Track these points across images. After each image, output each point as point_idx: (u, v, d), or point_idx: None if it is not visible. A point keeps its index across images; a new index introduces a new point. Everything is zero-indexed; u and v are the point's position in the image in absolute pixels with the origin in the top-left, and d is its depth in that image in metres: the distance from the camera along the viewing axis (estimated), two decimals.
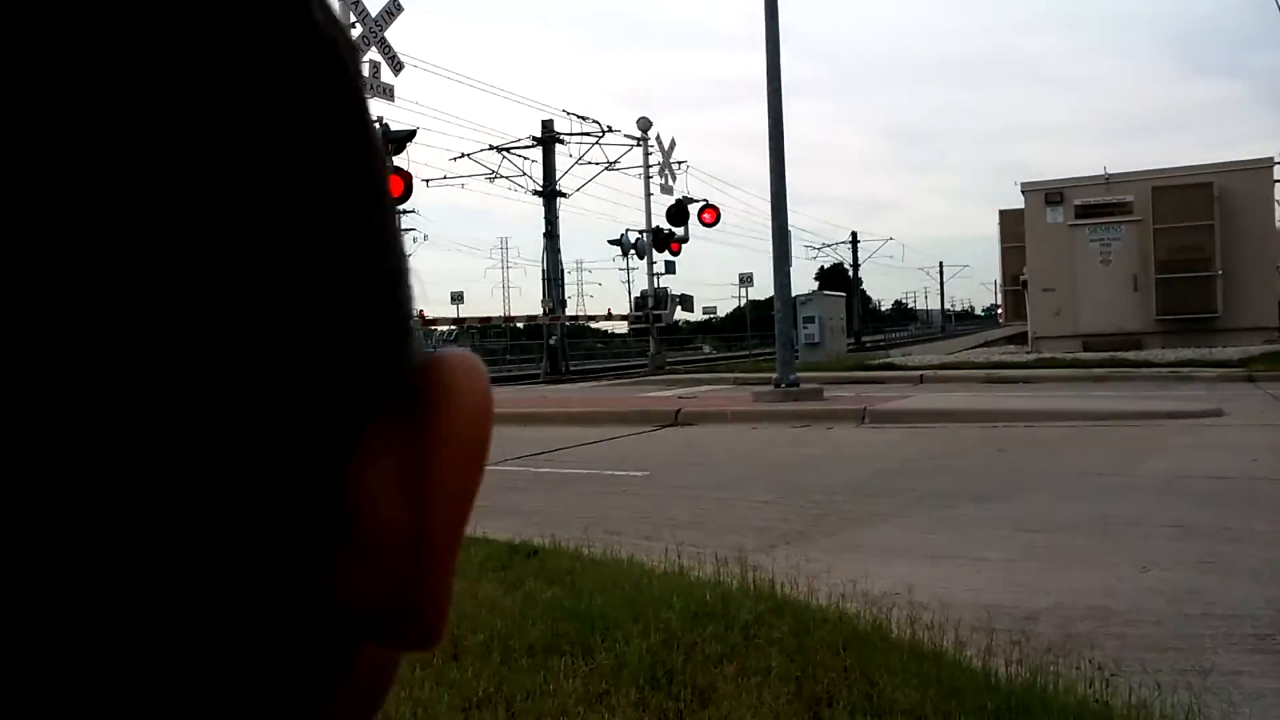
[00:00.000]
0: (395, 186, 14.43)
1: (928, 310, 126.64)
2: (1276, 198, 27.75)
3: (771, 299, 16.51)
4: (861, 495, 7.86)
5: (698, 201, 31.90)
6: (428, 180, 33.70)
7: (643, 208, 32.63)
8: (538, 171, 33.39)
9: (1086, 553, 5.75)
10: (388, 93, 20.05)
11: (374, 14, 19.60)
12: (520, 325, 39.24)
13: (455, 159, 38.18)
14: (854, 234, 76.59)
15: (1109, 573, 5.28)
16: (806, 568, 5.14)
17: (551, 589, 4.62)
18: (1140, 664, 3.87)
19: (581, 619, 4.10)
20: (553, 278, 33.67)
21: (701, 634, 3.93)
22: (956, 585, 5.14)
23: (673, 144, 32.70)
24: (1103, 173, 28.54)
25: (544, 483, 8.91)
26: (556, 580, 4.80)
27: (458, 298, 50.33)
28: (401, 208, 20.96)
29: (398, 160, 20.38)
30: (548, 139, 33.29)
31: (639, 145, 33.21)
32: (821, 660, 3.68)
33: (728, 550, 5.57)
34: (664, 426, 13.65)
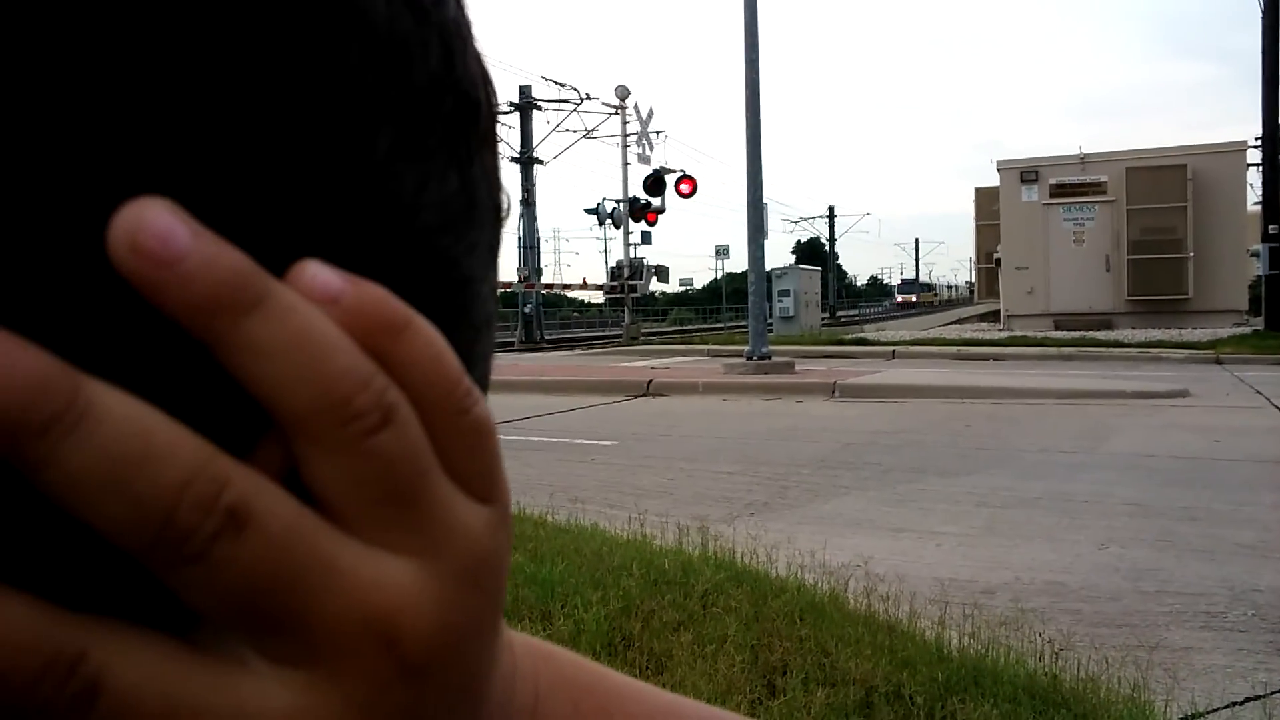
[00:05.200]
0: None
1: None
2: (1249, 181, 27.92)
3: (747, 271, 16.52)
4: (827, 468, 7.90)
5: (675, 172, 31.80)
6: None
7: (620, 177, 32.55)
8: (514, 138, 33.24)
9: (1046, 529, 5.80)
10: None
11: None
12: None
13: None
14: (831, 208, 76.72)
15: (1067, 549, 5.34)
16: (767, 538, 5.16)
17: (513, 555, 4.62)
18: (1092, 639, 3.92)
19: (542, 585, 4.11)
20: (529, 245, 33.57)
21: (660, 601, 3.95)
22: (915, 558, 5.19)
23: (650, 113, 32.55)
24: (1078, 152, 28.64)
25: (512, 450, 8.90)
26: (518, 546, 4.81)
27: None
28: None
29: None
30: (525, 105, 33.10)
31: (617, 114, 33.09)
32: (777, 629, 3.71)
33: (691, 520, 5.59)
34: (636, 396, 13.66)
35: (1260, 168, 26.25)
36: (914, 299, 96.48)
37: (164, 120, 0.21)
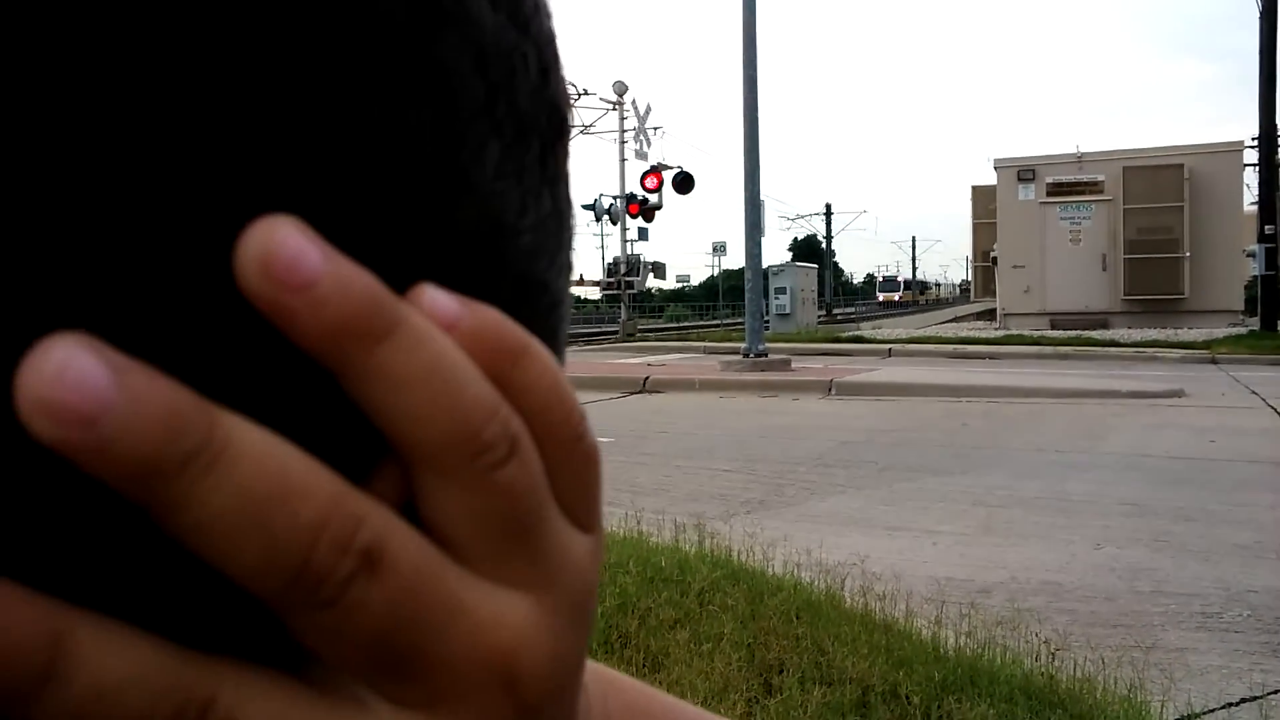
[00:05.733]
0: None
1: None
2: (1246, 181, 27.96)
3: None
4: (823, 466, 7.90)
5: (673, 168, 31.78)
6: None
7: (617, 173, 32.53)
8: None
9: (1042, 529, 5.80)
10: None
11: None
12: None
13: None
14: (828, 206, 76.76)
15: (1063, 549, 5.34)
16: (764, 536, 5.16)
17: None
18: (1088, 639, 3.93)
19: None
20: None
21: (657, 599, 3.95)
22: (911, 557, 5.19)
23: (648, 109, 32.51)
24: (1075, 151, 28.68)
25: None
26: None
27: None
28: None
29: None
30: None
31: (614, 109, 33.06)
32: (774, 628, 3.71)
33: (688, 517, 5.59)
34: (632, 393, 13.66)
35: (1257, 168, 26.31)
36: (896, 298, 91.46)
37: (284, 135, 0.20)
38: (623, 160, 32.57)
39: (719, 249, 47.57)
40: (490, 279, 0.24)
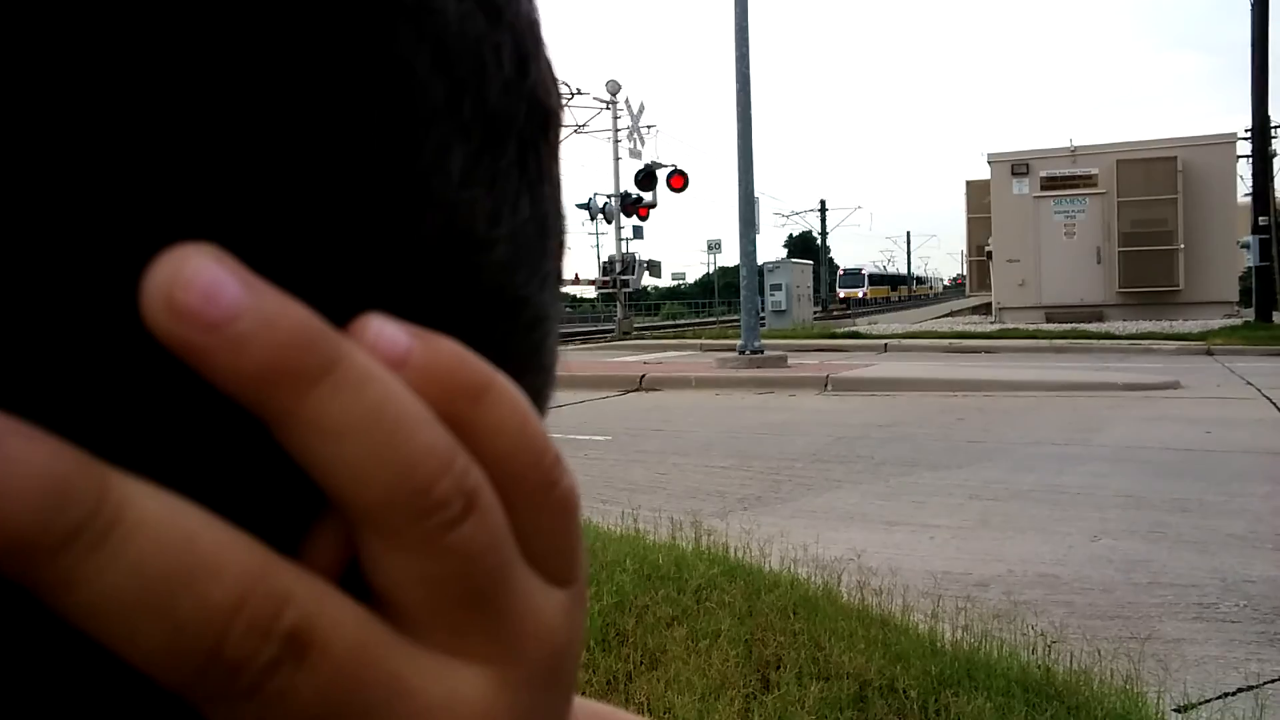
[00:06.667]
0: None
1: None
2: (1240, 173, 27.98)
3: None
4: (819, 462, 7.91)
5: (666, 166, 31.76)
6: None
7: (611, 171, 32.53)
8: None
9: (1039, 522, 5.81)
10: None
11: None
12: None
13: None
14: (822, 202, 76.73)
15: (1060, 541, 5.35)
16: (760, 533, 5.17)
17: None
18: (1085, 631, 3.94)
19: None
20: None
21: (654, 596, 3.96)
22: (908, 552, 5.20)
23: (641, 108, 32.50)
24: (1068, 145, 28.70)
25: None
26: None
27: None
28: None
29: None
30: None
31: (608, 109, 33.07)
32: (771, 624, 3.71)
33: (684, 514, 5.60)
34: (628, 391, 13.66)
35: (1250, 159, 26.32)
36: (860, 294, 76.51)
37: (198, 144, 0.17)
38: (616, 159, 32.58)
39: (714, 247, 47.50)
40: (458, 299, 0.21)
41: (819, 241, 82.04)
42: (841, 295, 73.30)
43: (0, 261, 0.16)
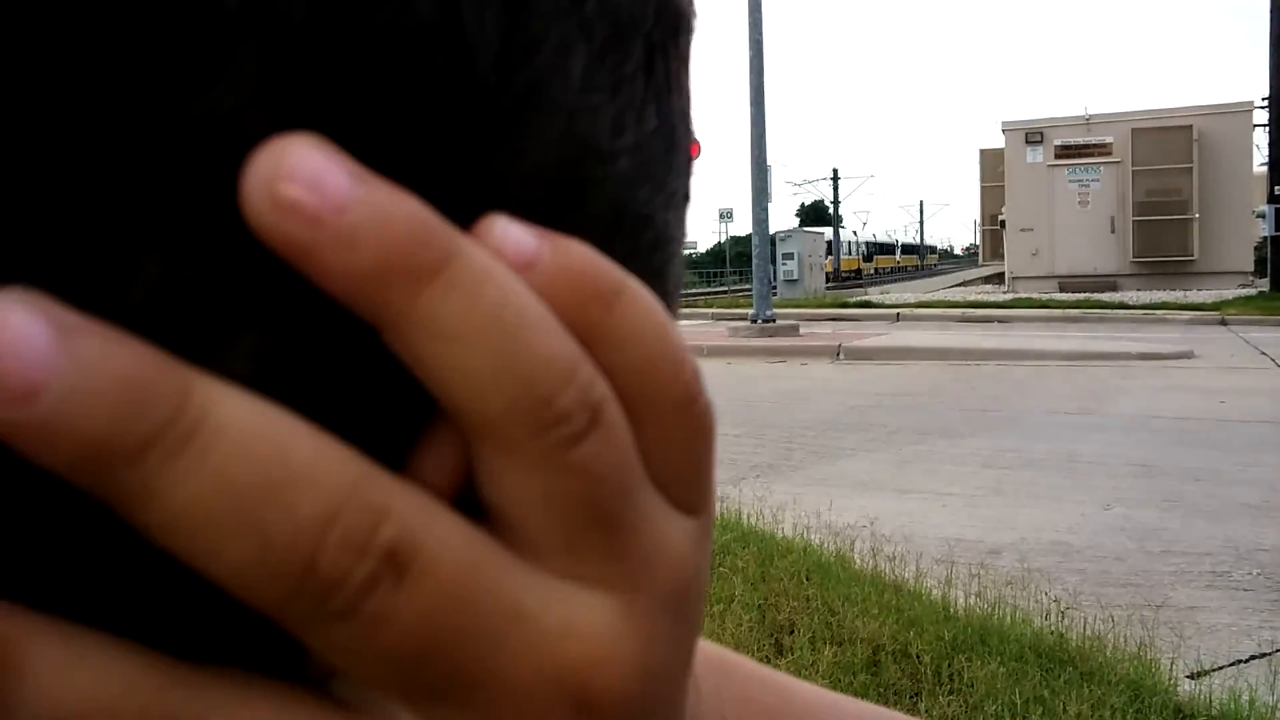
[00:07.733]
0: None
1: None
2: (1255, 142, 27.79)
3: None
4: (832, 430, 7.91)
5: None
6: None
7: None
8: None
9: (1052, 490, 5.81)
10: None
11: None
12: None
13: None
14: (835, 171, 76.31)
15: (1073, 510, 5.35)
16: (773, 500, 5.18)
17: None
18: (1098, 599, 3.94)
19: None
20: None
21: None
22: (921, 519, 5.20)
23: None
24: (1083, 113, 28.52)
25: None
26: None
27: None
28: None
29: None
30: None
31: None
32: (784, 589, 3.72)
33: None
34: None
35: (1267, 128, 26.14)
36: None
37: (309, 41, 0.15)
38: None
39: (726, 216, 47.43)
40: (575, 213, 0.19)
41: (832, 210, 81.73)
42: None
43: (86, 156, 0.14)
